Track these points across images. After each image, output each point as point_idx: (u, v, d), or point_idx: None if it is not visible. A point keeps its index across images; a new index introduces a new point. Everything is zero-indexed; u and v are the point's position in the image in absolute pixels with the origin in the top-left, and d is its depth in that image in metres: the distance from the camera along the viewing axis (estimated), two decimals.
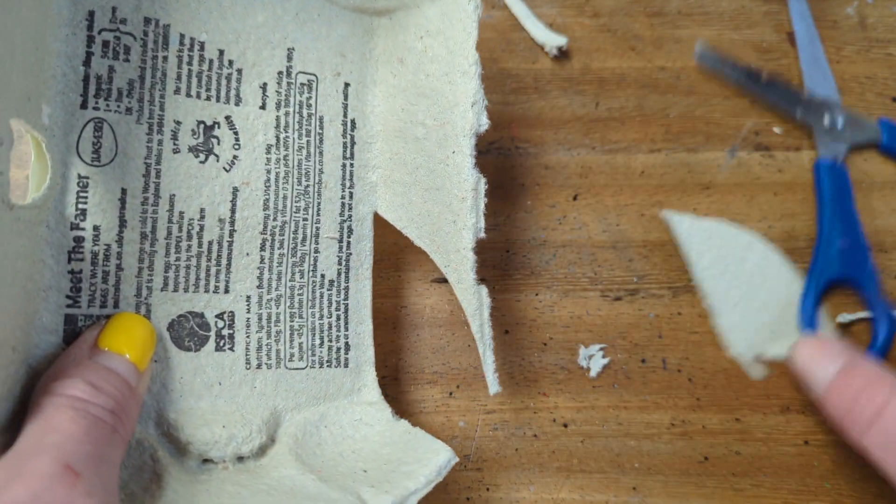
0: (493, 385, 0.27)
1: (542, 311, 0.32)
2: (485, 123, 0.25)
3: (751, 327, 0.31)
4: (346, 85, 0.29)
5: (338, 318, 0.28)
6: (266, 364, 0.26)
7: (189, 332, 0.25)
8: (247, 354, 0.26)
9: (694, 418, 0.31)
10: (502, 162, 0.34)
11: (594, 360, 0.32)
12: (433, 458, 0.24)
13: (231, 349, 0.26)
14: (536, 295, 0.32)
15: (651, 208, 0.33)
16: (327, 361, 0.28)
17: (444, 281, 0.32)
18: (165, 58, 0.24)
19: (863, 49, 0.36)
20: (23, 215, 0.20)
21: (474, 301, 0.26)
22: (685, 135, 0.34)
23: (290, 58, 0.27)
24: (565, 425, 0.31)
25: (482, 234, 0.26)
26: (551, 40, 0.34)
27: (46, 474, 0.17)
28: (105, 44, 0.23)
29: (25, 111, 0.20)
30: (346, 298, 0.28)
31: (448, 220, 0.26)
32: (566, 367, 0.32)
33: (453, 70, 0.26)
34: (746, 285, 0.32)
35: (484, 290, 0.26)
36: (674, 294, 0.33)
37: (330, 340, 0.28)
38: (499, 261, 0.33)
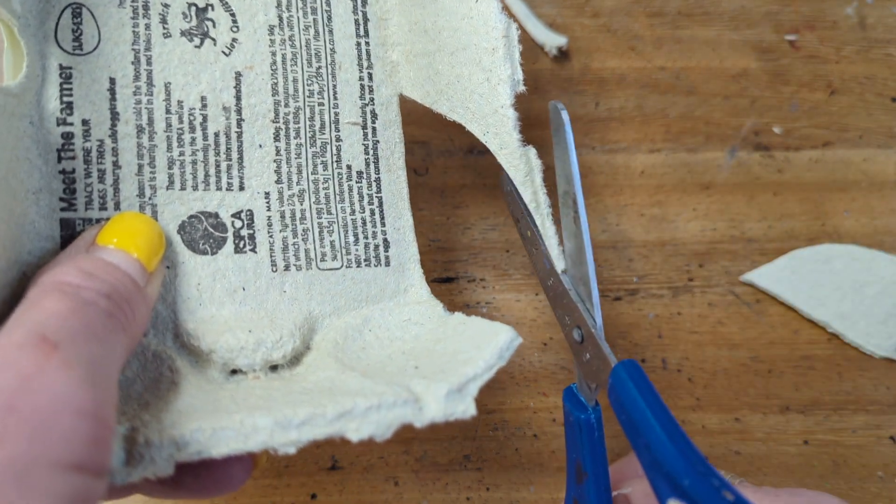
0: (558, 261, 0.24)
1: (542, 311, 0.32)
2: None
3: (879, 323, 0.31)
4: None
5: (372, 213, 0.26)
6: (295, 265, 0.24)
7: (203, 234, 0.23)
8: (272, 256, 0.24)
9: (694, 418, 0.31)
10: None
11: None
12: (492, 340, 0.21)
13: (253, 250, 0.23)
14: (536, 295, 0.32)
15: (651, 208, 0.33)
16: (365, 260, 0.25)
17: (445, 280, 0.32)
18: None
19: (862, 49, 0.36)
20: None
21: (522, 166, 0.24)
22: (685, 135, 0.34)
23: None
24: None
25: (521, 88, 0.24)
26: (551, 40, 0.34)
27: (16, 343, 0.15)
28: None
29: None
30: (378, 191, 0.26)
31: (481, 79, 0.24)
32: (566, 367, 0.32)
33: None
34: (850, 290, 0.32)
35: (532, 151, 0.24)
36: (674, 294, 0.33)
37: (366, 237, 0.26)
38: (499, 261, 0.33)
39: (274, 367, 0.23)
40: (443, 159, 0.33)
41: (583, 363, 0.24)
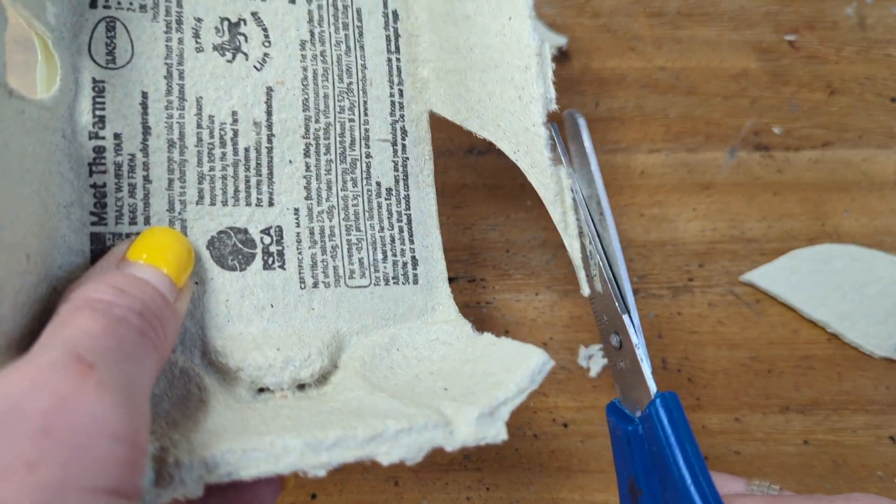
0: (583, 285, 0.24)
1: (542, 311, 0.32)
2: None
3: (879, 323, 0.31)
4: None
5: (400, 230, 0.26)
6: (323, 283, 0.24)
7: (232, 250, 0.23)
8: (300, 272, 0.23)
9: (694, 418, 0.31)
10: (502, 162, 0.34)
11: (594, 360, 0.32)
12: (524, 363, 0.21)
13: (282, 267, 0.23)
14: (536, 295, 0.32)
15: (651, 208, 0.33)
16: (393, 278, 0.25)
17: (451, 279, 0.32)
18: None
19: (862, 49, 0.36)
20: (29, 112, 0.18)
21: (553, 185, 0.24)
22: (685, 135, 0.34)
23: None
24: (565, 425, 0.31)
25: (553, 106, 0.23)
26: (551, 40, 0.34)
27: (50, 362, 0.14)
28: None
29: (30, 1, 0.18)
30: (407, 208, 0.26)
31: (512, 96, 0.24)
32: (566, 367, 0.32)
33: None
34: (850, 290, 0.32)
35: (563, 170, 0.24)
36: (674, 294, 0.33)
37: (394, 255, 0.25)
38: (499, 261, 0.33)
39: (301, 386, 0.22)
40: (443, 159, 0.33)
41: (617, 370, 0.24)
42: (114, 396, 0.15)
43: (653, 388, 0.22)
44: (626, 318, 0.23)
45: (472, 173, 0.33)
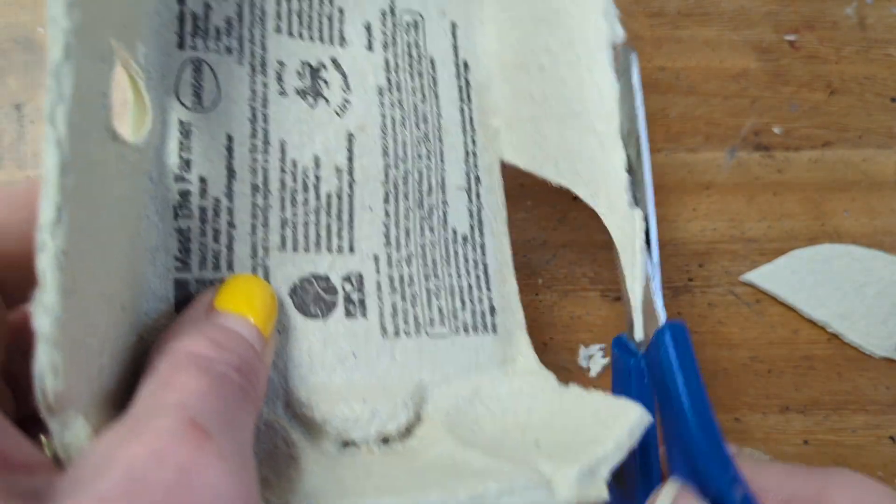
0: (638, 330, 0.23)
1: (542, 311, 0.32)
2: (620, 33, 0.23)
3: (879, 323, 0.31)
4: (454, 25, 0.27)
5: (477, 278, 0.25)
6: (405, 331, 0.23)
7: (314, 298, 0.22)
8: (381, 321, 0.23)
9: None
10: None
11: (594, 360, 0.32)
12: (621, 418, 0.20)
13: (363, 315, 0.22)
14: (536, 295, 0.32)
15: None
16: (472, 326, 0.25)
17: None
18: None
19: (862, 49, 0.36)
20: (127, 156, 0.18)
21: (628, 228, 0.23)
22: (685, 135, 0.34)
23: None
24: None
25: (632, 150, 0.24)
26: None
27: (169, 430, 0.14)
28: None
29: (124, 39, 0.18)
30: (483, 255, 0.26)
31: (592, 143, 0.24)
32: (566, 367, 0.32)
33: None
34: (850, 290, 0.32)
35: (639, 213, 0.23)
36: (674, 294, 0.33)
37: (472, 303, 0.25)
38: None
39: (385, 440, 0.21)
40: None
41: (624, 290, 0.24)
42: (230, 464, 0.14)
43: (662, 317, 0.22)
44: (643, 249, 0.23)
45: None
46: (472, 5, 0.28)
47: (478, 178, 0.26)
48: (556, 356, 0.32)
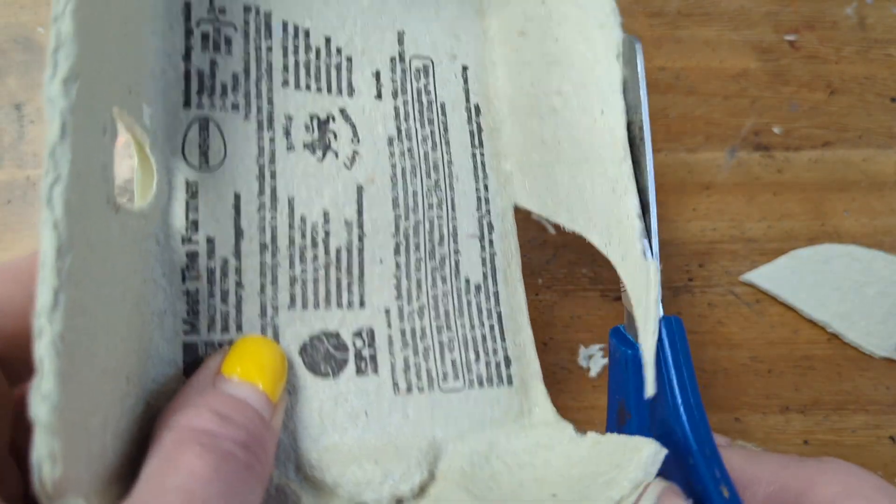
0: (650, 387, 0.21)
1: (542, 311, 0.32)
2: (640, 74, 0.23)
3: (879, 323, 0.31)
4: (465, 68, 0.27)
5: (491, 328, 0.25)
6: (417, 387, 0.23)
7: (325, 356, 0.22)
8: (393, 377, 0.22)
9: None
10: None
11: (594, 360, 0.32)
12: (634, 457, 0.19)
13: (375, 372, 0.22)
14: (536, 295, 0.32)
15: None
16: (487, 379, 0.24)
17: None
18: (269, 48, 0.23)
19: (862, 49, 0.36)
20: (130, 224, 0.17)
21: (642, 278, 0.22)
22: (685, 135, 0.34)
23: (400, 41, 0.25)
24: None
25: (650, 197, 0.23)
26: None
27: None
28: (205, 36, 0.21)
29: (128, 104, 0.18)
30: (497, 304, 0.25)
31: (605, 189, 0.23)
32: (566, 367, 0.32)
33: (588, 26, 0.23)
34: (850, 290, 0.32)
35: (654, 265, 0.22)
36: (674, 294, 0.33)
37: (486, 354, 0.24)
38: None
39: (399, 501, 0.21)
40: None
41: (627, 294, 0.23)
42: None
43: (659, 311, 0.22)
44: (643, 235, 0.23)
45: None
46: (482, 47, 0.27)
47: (490, 225, 0.26)
48: (556, 356, 0.32)
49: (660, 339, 0.21)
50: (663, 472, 0.19)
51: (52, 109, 0.13)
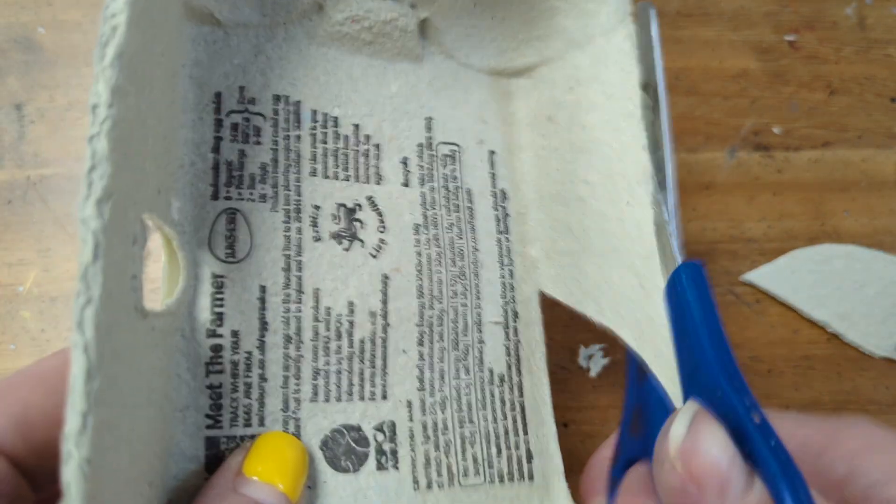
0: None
1: (542, 310, 0.32)
2: (669, 168, 0.22)
3: (879, 323, 0.31)
4: (492, 153, 0.26)
5: (514, 421, 0.24)
6: (437, 483, 0.22)
7: (346, 450, 0.21)
8: (413, 472, 0.22)
9: None
10: None
11: (594, 360, 0.32)
12: None
13: (395, 467, 0.22)
14: None
15: None
16: (508, 475, 0.23)
17: None
18: (298, 137, 0.22)
19: (862, 49, 0.36)
20: (157, 324, 0.17)
21: (677, 378, 0.21)
22: (685, 135, 0.34)
23: (429, 128, 0.25)
24: (565, 425, 0.31)
25: None
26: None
27: None
28: (234, 127, 0.21)
29: (157, 205, 0.18)
30: (520, 395, 0.24)
31: (633, 284, 0.22)
32: (566, 367, 0.32)
33: (616, 116, 0.23)
34: (850, 290, 0.32)
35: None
36: None
37: (508, 448, 0.24)
38: None
39: None
40: None
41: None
42: None
43: (679, 259, 0.21)
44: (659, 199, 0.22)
45: None
46: (510, 131, 0.27)
47: (515, 313, 0.25)
48: (556, 356, 0.32)
49: (681, 284, 0.20)
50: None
51: (86, 231, 0.13)
